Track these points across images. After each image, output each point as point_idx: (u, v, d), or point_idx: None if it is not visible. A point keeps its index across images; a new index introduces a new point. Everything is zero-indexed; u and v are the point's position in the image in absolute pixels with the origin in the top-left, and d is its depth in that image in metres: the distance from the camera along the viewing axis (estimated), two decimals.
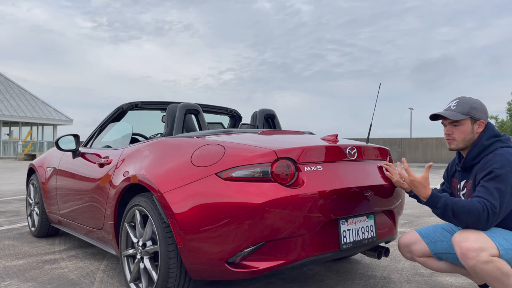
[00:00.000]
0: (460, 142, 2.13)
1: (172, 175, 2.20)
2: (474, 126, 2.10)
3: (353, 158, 2.37)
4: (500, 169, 1.93)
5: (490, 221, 1.90)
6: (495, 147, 2.04)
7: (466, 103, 2.11)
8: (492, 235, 1.92)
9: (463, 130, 2.10)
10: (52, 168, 3.73)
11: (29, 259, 3.30)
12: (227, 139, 2.30)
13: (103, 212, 2.74)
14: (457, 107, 2.11)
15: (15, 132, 33.50)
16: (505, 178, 1.91)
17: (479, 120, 2.09)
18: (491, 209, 1.88)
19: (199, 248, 2.03)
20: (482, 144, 2.07)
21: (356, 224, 2.28)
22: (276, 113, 3.54)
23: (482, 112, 2.10)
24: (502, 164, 1.94)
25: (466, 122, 2.10)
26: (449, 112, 2.12)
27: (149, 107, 3.51)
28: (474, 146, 2.10)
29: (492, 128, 2.12)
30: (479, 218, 1.89)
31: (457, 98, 2.17)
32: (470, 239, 1.90)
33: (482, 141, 2.08)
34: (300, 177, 2.07)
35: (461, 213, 1.92)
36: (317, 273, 2.92)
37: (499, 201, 1.89)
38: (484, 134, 2.09)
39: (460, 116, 2.08)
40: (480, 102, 2.13)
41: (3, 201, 6.64)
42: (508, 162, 1.94)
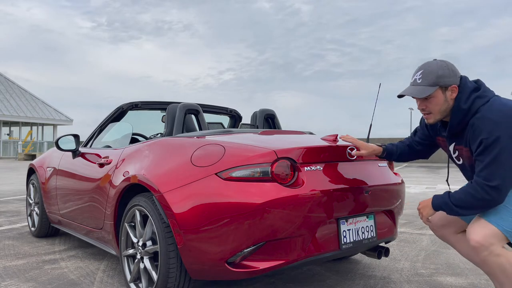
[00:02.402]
0: (438, 114, 1.98)
1: (172, 175, 2.20)
2: (446, 94, 1.93)
3: (353, 158, 2.37)
4: (489, 137, 1.79)
5: (498, 196, 1.82)
6: (476, 107, 1.88)
7: (431, 72, 1.92)
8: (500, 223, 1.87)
9: (436, 102, 1.94)
10: (52, 168, 3.73)
11: (29, 259, 3.30)
12: (227, 139, 2.30)
13: (103, 212, 2.74)
14: (422, 80, 1.93)
15: (15, 132, 33.50)
16: (497, 144, 1.78)
17: (450, 86, 1.92)
18: (489, 187, 1.80)
19: (199, 248, 2.03)
20: (462, 109, 1.91)
21: (356, 224, 2.28)
22: (276, 113, 3.54)
23: (451, 75, 1.91)
24: (489, 130, 1.80)
25: (436, 93, 1.92)
26: (416, 89, 1.94)
27: (149, 107, 3.51)
28: (454, 112, 1.93)
29: (466, 85, 1.93)
30: (483, 201, 1.83)
31: (421, 66, 1.97)
32: (478, 233, 1.88)
33: (461, 105, 1.91)
34: (300, 177, 2.07)
35: (465, 207, 1.89)
36: (317, 273, 2.92)
37: (498, 172, 1.79)
38: (460, 96, 1.91)
39: (428, 90, 1.91)
40: (447, 65, 1.93)
41: (3, 201, 6.64)
42: (494, 124, 1.79)
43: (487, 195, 1.82)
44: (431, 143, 2.27)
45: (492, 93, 1.94)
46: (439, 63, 1.94)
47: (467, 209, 1.90)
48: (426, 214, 2.08)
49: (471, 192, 1.86)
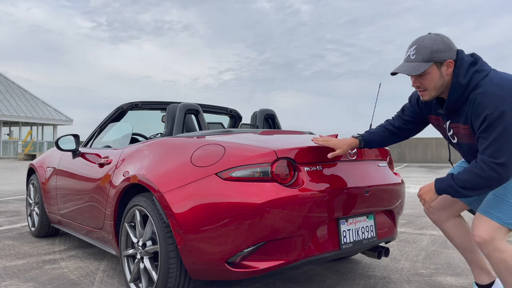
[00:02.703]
0: (433, 91, 1.90)
1: (172, 175, 2.20)
2: (442, 69, 1.85)
3: (353, 158, 2.37)
4: (494, 112, 1.73)
5: (505, 172, 1.77)
6: (476, 81, 1.81)
7: (426, 47, 1.83)
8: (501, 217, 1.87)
9: (432, 78, 1.86)
10: (52, 168, 3.73)
11: (29, 259, 3.30)
12: (227, 139, 2.30)
13: (103, 212, 2.74)
14: (416, 55, 1.85)
15: (15, 132, 33.50)
16: (503, 119, 1.72)
17: (445, 61, 1.84)
18: (496, 165, 1.75)
19: (199, 248, 2.03)
20: (461, 85, 1.84)
21: (356, 224, 2.28)
22: (276, 113, 3.54)
23: (447, 50, 1.83)
24: (494, 105, 1.73)
25: (431, 69, 1.84)
26: (409, 66, 1.86)
27: (149, 107, 3.52)
28: (453, 88, 1.86)
29: (463, 59, 1.85)
30: (491, 179, 1.79)
31: (415, 41, 1.89)
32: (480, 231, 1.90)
33: (459, 80, 1.83)
34: (300, 177, 2.07)
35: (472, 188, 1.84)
36: (317, 273, 2.92)
37: (505, 148, 1.73)
38: (458, 71, 1.83)
39: (422, 67, 1.83)
40: (441, 38, 1.85)
41: (3, 201, 6.64)
42: (497, 99, 1.73)
43: (494, 172, 1.77)
44: (422, 121, 2.19)
45: (489, 66, 1.87)
46: (433, 37, 1.85)
47: (474, 190, 1.85)
48: (429, 199, 2.01)
49: (477, 172, 1.80)
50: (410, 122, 2.21)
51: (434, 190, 1.98)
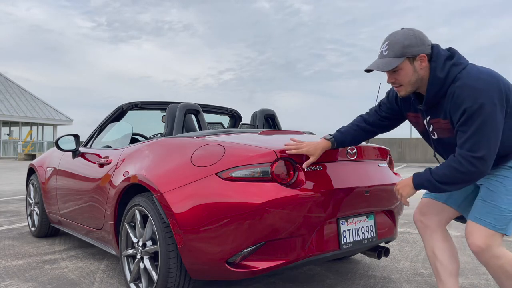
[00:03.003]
0: (408, 86, 1.87)
1: (172, 175, 2.20)
2: (415, 64, 1.82)
3: (353, 158, 2.37)
4: (473, 105, 1.70)
5: (484, 166, 1.74)
6: (454, 74, 1.79)
7: (398, 42, 1.82)
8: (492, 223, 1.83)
9: (405, 74, 1.84)
10: (52, 168, 3.73)
11: (29, 259, 3.30)
12: (227, 139, 2.30)
13: (103, 212, 2.74)
14: (389, 51, 1.83)
15: (15, 132, 33.49)
16: (481, 112, 1.70)
17: (418, 56, 1.81)
18: (474, 159, 1.72)
19: (199, 248, 2.03)
20: (439, 78, 1.81)
21: (356, 224, 2.28)
22: (276, 113, 3.54)
23: (419, 44, 1.81)
24: (473, 98, 1.70)
25: (404, 64, 1.82)
26: (382, 62, 1.85)
27: (149, 107, 3.52)
28: (431, 83, 1.83)
29: (439, 53, 1.83)
30: (469, 174, 1.75)
31: (388, 37, 1.87)
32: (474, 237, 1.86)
33: (437, 74, 1.81)
34: (300, 177, 2.07)
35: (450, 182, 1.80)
36: (317, 273, 2.92)
37: (484, 141, 1.71)
38: (435, 65, 1.81)
39: (394, 62, 1.81)
40: (413, 33, 1.83)
41: (3, 201, 6.64)
42: (476, 92, 1.71)
43: (472, 167, 1.73)
44: (399, 118, 2.15)
45: (466, 60, 1.85)
46: (405, 32, 1.83)
47: (451, 185, 1.82)
48: (406, 194, 1.95)
49: (455, 166, 1.77)
50: (387, 118, 2.17)
51: (412, 185, 1.92)
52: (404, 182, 1.97)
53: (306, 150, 2.07)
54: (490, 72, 1.78)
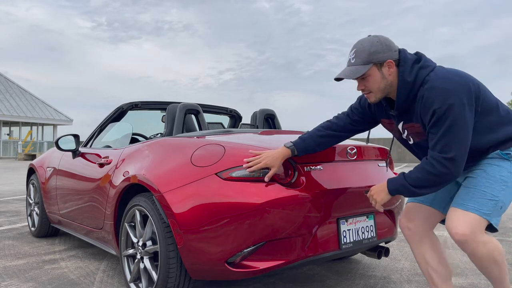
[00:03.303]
0: (378, 93, 1.87)
1: (172, 175, 2.20)
2: (383, 70, 1.83)
3: (353, 158, 2.37)
4: (442, 106, 1.70)
5: (455, 167, 1.73)
6: (422, 77, 1.79)
7: (364, 50, 1.82)
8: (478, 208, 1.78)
9: (374, 80, 1.84)
10: (52, 168, 3.73)
11: (29, 259, 3.30)
12: (227, 139, 2.30)
13: (103, 212, 2.74)
14: (356, 59, 1.84)
15: (15, 132, 33.49)
16: (451, 112, 1.69)
17: (385, 62, 1.82)
18: (446, 160, 1.71)
19: (199, 248, 2.03)
20: (407, 82, 1.81)
21: (356, 224, 2.28)
22: (276, 113, 3.54)
23: (385, 50, 1.81)
24: (441, 99, 1.70)
25: (372, 71, 1.83)
26: (350, 70, 1.85)
27: (149, 107, 3.52)
28: (400, 87, 1.83)
29: (406, 57, 1.83)
30: (441, 176, 1.74)
31: (355, 45, 1.88)
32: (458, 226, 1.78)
33: (405, 78, 1.81)
34: (300, 177, 2.07)
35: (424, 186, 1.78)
36: (317, 273, 2.92)
37: (454, 142, 1.70)
38: (403, 70, 1.81)
39: (362, 70, 1.82)
40: (379, 40, 1.83)
41: (3, 201, 6.64)
42: (444, 92, 1.71)
43: (444, 168, 1.72)
44: (371, 122, 2.14)
45: (434, 63, 1.86)
46: (371, 39, 1.84)
47: (426, 188, 1.80)
48: (381, 199, 1.92)
49: (427, 169, 1.76)
50: (359, 123, 2.15)
51: (387, 190, 1.90)
52: (379, 187, 1.94)
53: (265, 163, 1.99)
54: (458, 73, 1.79)
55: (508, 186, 1.80)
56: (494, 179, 1.80)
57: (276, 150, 2.06)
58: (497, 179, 1.80)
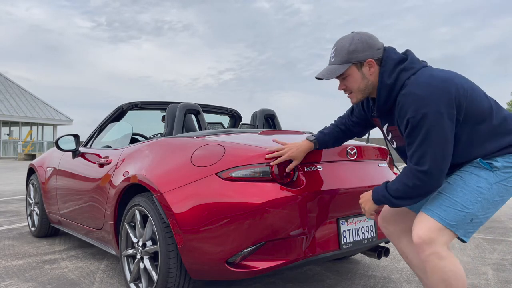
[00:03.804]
0: (359, 93, 1.80)
1: (172, 175, 2.20)
2: (363, 70, 1.75)
3: (353, 158, 2.37)
4: (415, 115, 1.59)
5: (431, 180, 1.62)
6: (402, 81, 1.68)
7: (343, 48, 1.74)
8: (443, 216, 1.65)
9: (353, 80, 1.77)
10: (52, 168, 3.73)
11: (29, 259, 3.30)
12: (227, 139, 2.30)
13: (103, 212, 2.74)
14: (335, 58, 1.77)
15: (15, 132, 33.50)
16: (424, 122, 1.58)
17: (365, 61, 1.73)
18: (420, 173, 1.61)
19: (199, 248, 2.03)
20: (387, 85, 1.71)
21: (356, 224, 2.28)
22: (276, 113, 3.54)
23: (365, 49, 1.72)
24: (415, 107, 1.59)
25: (351, 70, 1.75)
26: (329, 69, 1.78)
27: (149, 107, 3.52)
28: (379, 89, 1.74)
29: (390, 57, 1.73)
30: (418, 188, 1.64)
31: (336, 43, 1.80)
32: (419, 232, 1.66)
33: (384, 80, 1.71)
34: (300, 177, 2.07)
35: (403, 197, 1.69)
36: (317, 273, 2.92)
37: (428, 154, 1.60)
38: (384, 70, 1.72)
39: (340, 69, 1.74)
40: (360, 37, 1.74)
41: (3, 201, 6.64)
42: (420, 100, 1.59)
43: (419, 181, 1.62)
44: (368, 124, 2.08)
45: (421, 63, 1.74)
46: (352, 36, 1.75)
47: (406, 199, 1.70)
48: (369, 209, 1.88)
49: (403, 180, 1.67)
50: (357, 124, 2.10)
51: (373, 201, 1.84)
52: (367, 195, 1.89)
53: (289, 155, 2.02)
54: (443, 76, 1.65)
55: (484, 198, 1.65)
56: (469, 189, 1.66)
57: (300, 142, 2.07)
58: (473, 189, 1.66)
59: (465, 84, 1.66)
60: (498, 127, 1.67)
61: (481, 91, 1.72)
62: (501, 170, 1.66)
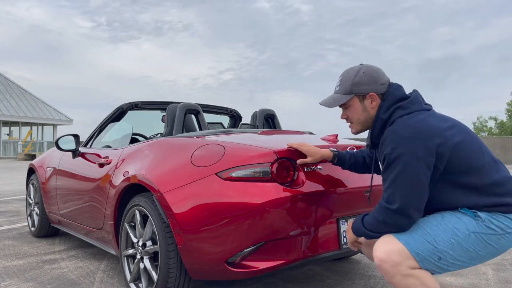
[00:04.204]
0: (358, 125, 1.82)
1: (172, 175, 2.20)
2: (365, 103, 1.77)
3: None
4: (392, 152, 1.59)
5: (401, 220, 1.60)
6: (394, 118, 1.70)
7: (348, 79, 1.78)
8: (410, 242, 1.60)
9: (354, 111, 1.80)
10: (52, 168, 3.73)
11: (29, 259, 3.30)
12: (227, 139, 2.30)
13: (103, 212, 2.74)
14: (340, 87, 1.81)
15: (15, 132, 33.51)
16: (399, 162, 1.57)
17: (367, 94, 1.75)
18: (390, 211, 1.60)
19: (199, 248, 2.03)
20: (381, 119, 1.74)
21: None
22: (276, 113, 3.54)
23: (370, 83, 1.75)
24: (394, 145, 1.59)
25: (353, 101, 1.78)
26: (332, 98, 1.83)
27: (149, 107, 3.52)
28: (375, 121, 1.77)
29: (393, 93, 1.75)
30: (388, 225, 1.63)
31: (343, 72, 1.84)
32: (381, 252, 1.61)
33: (380, 114, 1.74)
34: (300, 177, 2.07)
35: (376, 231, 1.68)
36: (317, 273, 2.92)
37: (399, 193, 1.58)
38: (382, 105, 1.74)
39: (342, 99, 1.78)
40: (366, 70, 1.77)
41: (3, 201, 6.64)
42: (400, 139, 1.59)
43: (388, 218, 1.61)
44: None
45: (422, 106, 1.73)
46: (360, 68, 1.79)
47: (378, 233, 1.68)
48: (349, 238, 1.87)
49: (375, 215, 1.66)
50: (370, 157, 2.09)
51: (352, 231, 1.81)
52: (349, 225, 1.86)
53: (307, 149, 2.06)
54: (434, 124, 1.63)
55: (458, 241, 1.59)
56: (445, 227, 1.61)
57: (321, 148, 2.09)
58: (449, 228, 1.60)
59: (458, 138, 1.63)
60: (490, 186, 1.63)
61: (481, 147, 1.68)
62: (484, 222, 1.59)
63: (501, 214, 1.60)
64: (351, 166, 2.12)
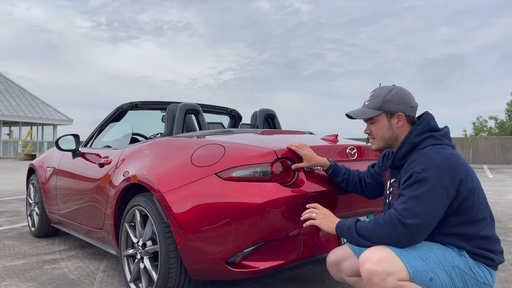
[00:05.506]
0: (380, 141, 1.85)
1: (172, 175, 2.20)
2: (391, 121, 1.80)
3: (353, 158, 2.37)
4: (422, 172, 1.61)
5: (407, 236, 1.58)
6: (426, 144, 1.72)
7: (379, 95, 1.81)
8: (404, 254, 1.59)
9: (380, 127, 1.83)
10: (52, 168, 3.73)
11: (29, 259, 3.30)
12: (227, 139, 2.30)
13: (103, 212, 2.74)
14: (370, 102, 1.84)
15: (15, 132, 33.51)
16: (426, 183, 1.59)
17: (396, 114, 1.79)
18: (401, 224, 1.58)
19: (199, 248, 2.03)
20: (412, 142, 1.76)
21: None
22: (276, 113, 3.54)
23: (400, 103, 1.78)
24: (425, 167, 1.61)
25: (380, 118, 1.81)
26: (360, 110, 1.86)
27: (149, 107, 3.52)
28: (403, 143, 1.78)
29: (427, 121, 1.78)
30: (390, 237, 1.60)
31: (375, 89, 1.88)
32: (373, 259, 1.58)
33: (412, 137, 1.76)
34: (300, 177, 2.07)
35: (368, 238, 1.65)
36: (317, 273, 2.92)
37: (417, 210, 1.57)
38: (415, 129, 1.77)
39: (370, 113, 1.81)
40: (398, 91, 1.81)
41: (3, 201, 6.64)
42: (432, 163, 1.61)
43: (394, 230, 1.59)
44: (379, 181, 2.08)
45: (451, 143, 1.77)
46: (393, 89, 1.82)
47: (368, 241, 1.65)
48: (320, 224, 1.81)
49: (381, 224, 1.62)
50: (371, 176, 2.11)
51: (334, 225, 1.77)
52: (329, 215, 1.83)
53: (305, 153, 2.07)
54: (463, 162, 1.67)
55: (445, 269, 1.61)
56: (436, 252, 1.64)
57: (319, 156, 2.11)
58: (439, 254, 1.63)
59: (475, 183, 1.68)
60: (483, 239, 1.67)
61: (486, 201, 1.73)
62: (468, 263, 1.64)
63: (484, 266, 1.67)
64: (343, 181, 2.13)
